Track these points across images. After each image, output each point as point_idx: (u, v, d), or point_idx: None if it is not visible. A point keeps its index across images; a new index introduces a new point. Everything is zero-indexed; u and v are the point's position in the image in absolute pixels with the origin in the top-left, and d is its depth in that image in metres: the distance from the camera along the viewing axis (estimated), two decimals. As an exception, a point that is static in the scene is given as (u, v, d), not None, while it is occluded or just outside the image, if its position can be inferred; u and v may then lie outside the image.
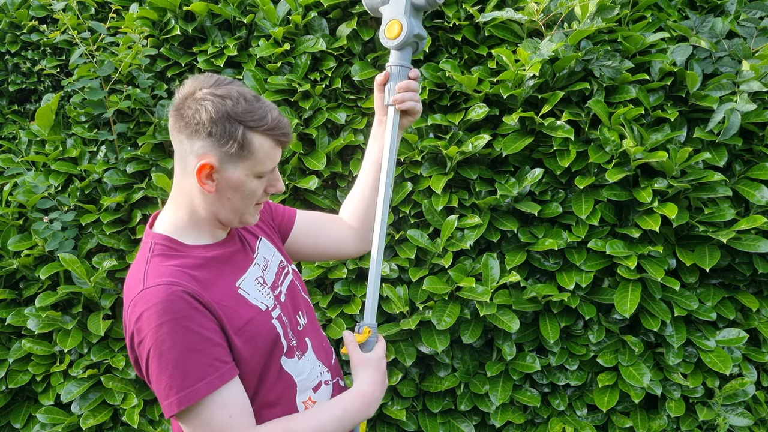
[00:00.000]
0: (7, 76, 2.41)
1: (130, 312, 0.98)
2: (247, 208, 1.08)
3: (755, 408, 2.13)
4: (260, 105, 1.01)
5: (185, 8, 2.10)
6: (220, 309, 1.00)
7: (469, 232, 1.94)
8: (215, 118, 0.98)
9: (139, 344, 0.97)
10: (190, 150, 1.01)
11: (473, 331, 1.96)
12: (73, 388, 2.04)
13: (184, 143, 1.02)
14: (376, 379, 1.14)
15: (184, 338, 0.95)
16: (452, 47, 2.07)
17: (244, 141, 1.00)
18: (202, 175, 1.01)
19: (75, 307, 2.09)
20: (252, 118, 0.99)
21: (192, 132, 1.00)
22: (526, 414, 2.11)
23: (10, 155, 2.22)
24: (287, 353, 1.13)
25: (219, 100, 0.98)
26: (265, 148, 1.02)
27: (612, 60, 1.89)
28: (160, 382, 0.96)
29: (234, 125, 0.99)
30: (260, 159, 1.03)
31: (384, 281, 1.99)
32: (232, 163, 1.01)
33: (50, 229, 2.04)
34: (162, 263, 1.02)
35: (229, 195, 1.05)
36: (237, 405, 1.00)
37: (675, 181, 1.86)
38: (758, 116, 1.91)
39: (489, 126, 2.02)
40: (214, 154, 1.00)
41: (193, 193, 1.06)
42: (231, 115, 0.98)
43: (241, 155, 1.01)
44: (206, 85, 1.01)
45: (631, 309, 1.87)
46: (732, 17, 2.05)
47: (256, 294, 1.11)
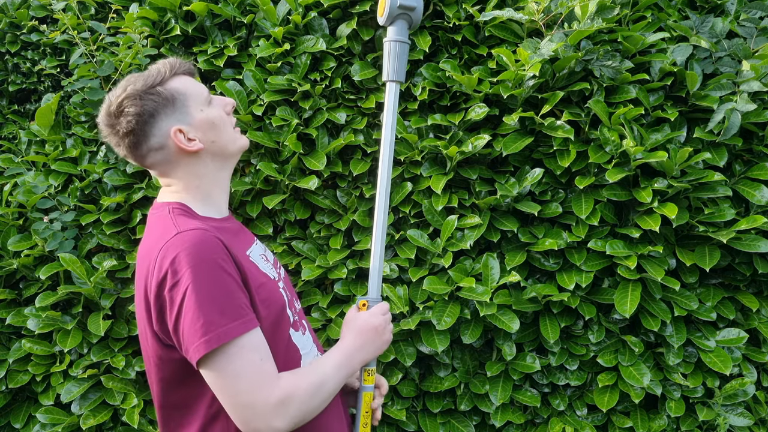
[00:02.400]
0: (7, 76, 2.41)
1: (163, 255, 1.00)
2: (231, 134, 1.20)
3: (755, 408, 2.13)
4: (150, 67, 1.15)
5: (185, 8, 2.10)
6: (241, 265, 1.06)
7: (469, 232, 1.94)
8: (141, 103, 1.08)
9: (174, 285, 0.98)
10: (158, 142, 1.12)
11: (473, 331, 1.96)
12: (73, 388, 2.04)
13: (149, 143, 1.11)
14: (359, 330, 1.20)
15: (221, 278, 0.99)
16: (452, 47, 2.07)
17: (170, 93, 1.11)
18: (183, 143, 1.11)
19: (75, 307, 2.09)
20: (154, 76, 1.12)
21: (142, 131, 1.10)
22: (526, 414, 2.11)
23: (10, 155, 2.22)
24: (293, 326, 1.19)
25: (126, 95, 1.09)
26: (185, 83, 1.15)
27: (612, 60, 1.89)
28: (197, 320, 0.96)
29: (154, 92, 1.10)
30: (193, 92, 1.15)
31: (384, 281, 1.99)
32: (185, 113, 1.13)
33: (50, 229, 2.04)
34: (187, 219, 1.09)
35: (212, 137, 1.15)
36: (265, 349, 1.03)
37: (675, 181, 1.86)
38: (758, 116, 1.91)
39: (489, 126, 2.02)
40: (170, 122, 1.11)
41: (192, 170, 1.15)
42: (144, 90, 1.09)
43: (182, 101, 1.13)
44: (107, 106, 1.11)
45: (631, 309, 1.87)
46: (732, 17, 2.05)
47: (263, 265, 1.18)
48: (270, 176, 2.03)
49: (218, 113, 1.17)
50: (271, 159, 2.05)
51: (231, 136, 1.19)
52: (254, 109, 2.00)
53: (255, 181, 2.04)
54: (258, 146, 2.05)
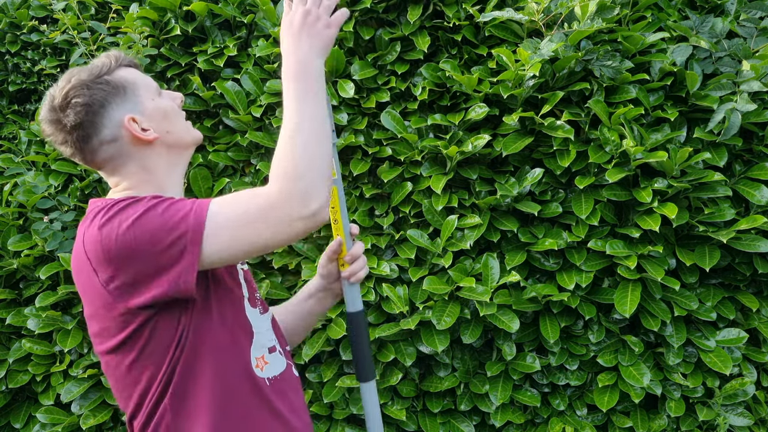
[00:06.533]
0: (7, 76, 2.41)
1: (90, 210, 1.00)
2: (185, 125, 1.15)
3: (755, 408, 2.13)
4: (93, 61, 1.11)
5: (185, 8, 2.10)
6: None
7: (469, 232, 1.94)
8: (89, 93, 1.03)
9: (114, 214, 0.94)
10: (110, 133, 1.05)
11: (473, 331, 1.96)
12: (73, 387, 2.04)
13: (100, 135, 1.05)
14: (286, 28, 1.04)
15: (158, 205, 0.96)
16: (452, 47, 2.07)
17: (119, 82, 1.07)
18: (137, 131, 1.05)
19: (75, 307, 2.09)
20: (99, 67, 1.06)
21: (92, 122, 1.04)
22: (526, 414, 2.11)
23: (10, 155, 2.22)
24: (250, 300, 1.12)
25: (72, 86, 1.03)
26: (133, 74, 1.11)
27: (612, 60, 1.89)
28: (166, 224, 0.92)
29: (102, 80, 1.05)
30: (142, 82, 1.11)
31: (384, 281, 1.99)
32: (136, 102, 1.08)
33: (50, 229, 2.04)
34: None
35: (166, 127, 1.10)
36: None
37: (675, 181, 1.86)
38: (758, 116, 1.91)
39: (489, 126, 2.02)
40: (121, 111, 1.06)
41: (144, 163, 1.09)
42: (90, 80, 1.04)
43: (132, 90, 1.08)
44: (50, 101, 1.05)
45: (631, 309, 1.87)
46: (732, 17, 2.05)
47: None
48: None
49: (170, 104, 1.13)
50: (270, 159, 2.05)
51: (184, 126, 1.14)
52: (253, 110, 2.01)
53: (255, 181, 2.04)
54: (258, 146, 2.05)
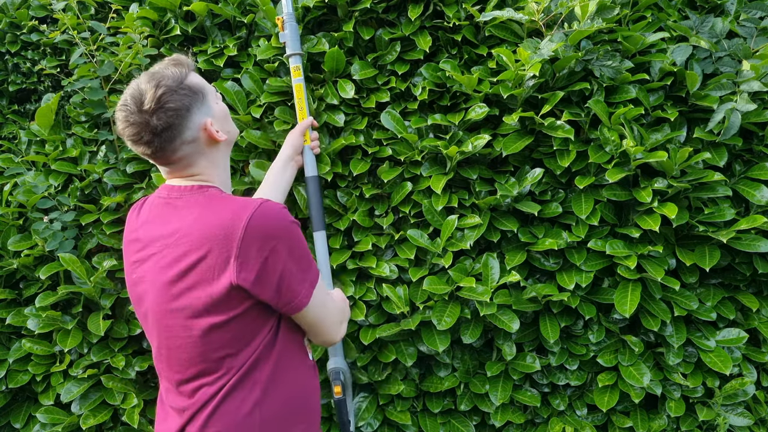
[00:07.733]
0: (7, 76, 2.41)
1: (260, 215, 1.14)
2: (233, 123, 1.34)
3: (755, 408, 2.13)
4: (165, 65, 1.22)
5: (185, 8, 2.10)
6: None
7: (469, 232, 1.94)
8: (178, 98, 1.15)
9: (274, 247, 1.13)
10: (191, 135, 1.19)
11: (473, 331, 1.96)
12: (73, 388, 2.04)
13: (183, 136, 1.18)
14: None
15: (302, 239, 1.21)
16: (452, 47, 2.07)
17: (196, 88, 1.20)
18: (215, 133, 1.21)
19: (75, 307, 2.09)
20: (179, 73, 1.18)
21: (180, 125, 1.17)
22: (526, 414, 2.11)
23: (10, 155, 2.22)
24: None
25: (164, 91, 1.14)
26: (199, 79, 1.25)
27: (612, 60, 1.89)
28: (307, 273, 1.20)
29: (185, 87, 1.17)
30: (208, 87, 1.26)
31: (384, 281, 1.99)
32: (208, 107, 1.23)
33: (50, 229, 2.04)
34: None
35: (227, 127, 1.29)
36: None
37: (675, 181, 1.86)
38: (758, 116, 1.91)
39: (489, 126, 2.02)
40: (201, 115, 1.20)
41: (212, 160, 1.25)
42: (176, 86, 1.16)
43: (204, 95, 1.23)
44: (138, 103, 1.14)
45: (631, 309, 1.87)
46: (732, 17, 2.05)
47: None
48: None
49: (225, 106, 1.29)
50: (269, 159, 2.05)
51: (234, 125, 1.32)
52: (253, 110, 2.00)
53: (254, 181, 2.04)
54: (256, 147, 2.05)
